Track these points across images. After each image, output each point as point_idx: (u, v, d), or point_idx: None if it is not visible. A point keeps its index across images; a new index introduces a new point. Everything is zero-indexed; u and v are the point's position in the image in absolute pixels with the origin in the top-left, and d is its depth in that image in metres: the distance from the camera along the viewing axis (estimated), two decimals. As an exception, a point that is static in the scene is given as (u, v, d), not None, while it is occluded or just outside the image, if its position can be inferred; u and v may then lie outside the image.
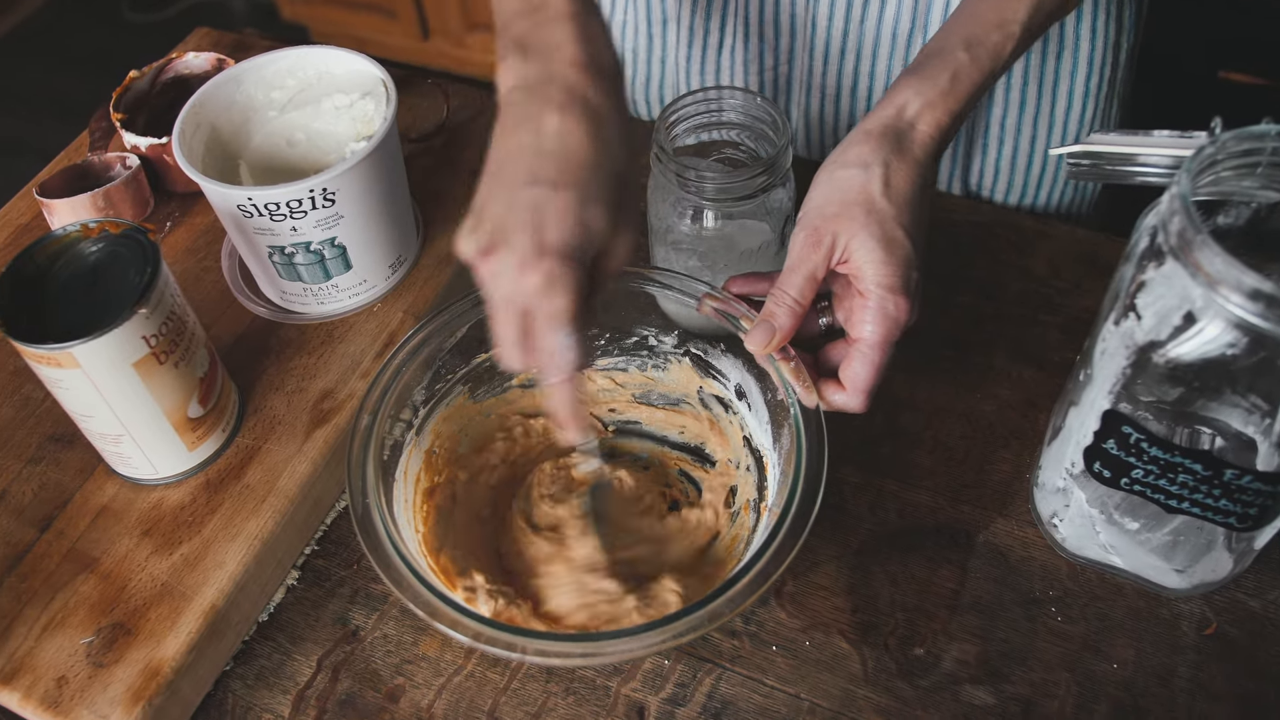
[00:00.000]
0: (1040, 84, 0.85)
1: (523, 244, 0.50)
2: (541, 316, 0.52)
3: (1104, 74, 0.85)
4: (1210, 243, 0.46)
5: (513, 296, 0.52)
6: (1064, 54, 0.84)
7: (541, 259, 0.50)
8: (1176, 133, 0.57)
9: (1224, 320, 0.47)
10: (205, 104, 0.72)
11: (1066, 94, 0.85)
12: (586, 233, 0.51)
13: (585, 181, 0.51)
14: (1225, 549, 0.59)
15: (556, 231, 0.51)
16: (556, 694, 0.61)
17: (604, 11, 0.93)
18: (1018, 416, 0.71)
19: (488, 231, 0.52)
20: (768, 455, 0.63)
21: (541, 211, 0.51)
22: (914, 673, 0.61)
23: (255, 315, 0.75)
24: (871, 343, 0.58)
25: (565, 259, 0.51)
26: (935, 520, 0.67)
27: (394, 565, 0.54)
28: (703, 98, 0.68)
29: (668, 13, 0.90)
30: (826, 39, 0.84)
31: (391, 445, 0.61)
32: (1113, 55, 0.85)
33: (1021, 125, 0.87)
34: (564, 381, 0.54)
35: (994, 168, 0.90)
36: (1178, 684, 0.60)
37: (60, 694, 0.58)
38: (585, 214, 0.51)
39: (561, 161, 0.52)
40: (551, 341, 0.52)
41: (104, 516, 0.65)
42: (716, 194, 0.65)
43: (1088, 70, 0.84)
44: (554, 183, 0.51)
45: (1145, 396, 0.53)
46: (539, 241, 0.50)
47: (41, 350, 0.57)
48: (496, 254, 0.51)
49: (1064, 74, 0.84)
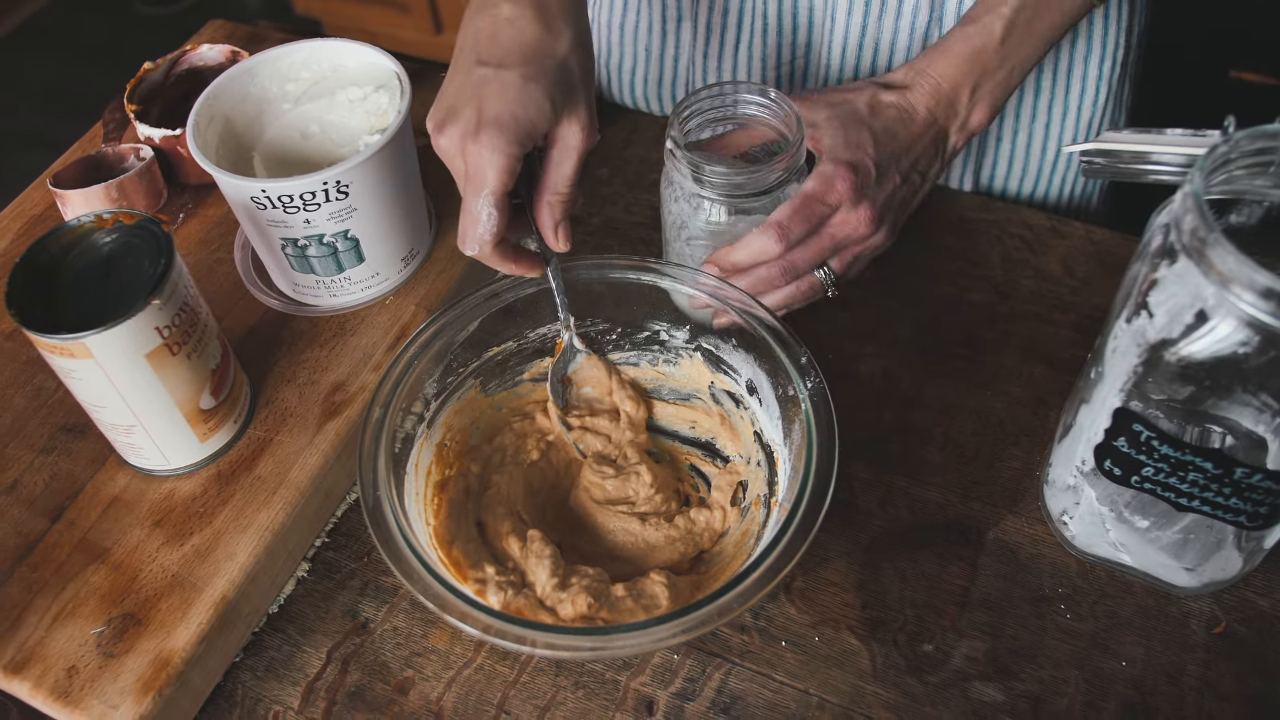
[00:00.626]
0: (1055, 70, 0.85)
1: (466, 118, 0.56)
2: (469, 182, 0.57)
3: (1117, 57, 0.86)
4: (1223, 241, 0.46)
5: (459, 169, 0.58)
6: (1078, 39, 0.84)
7: (480, 130, 0.55)
8: (1190, 131, 0.57)
9: (1236, 319, 0.47)
10: (220, 96, 0.72)
11: (1080, 78, 0.86)
12: (525, 108, 0.56)
13: (525, 61, 0.57)
14: (1235, 548, 0.58)
15: (494, 105, 0.56)
16: (566, 688, 0.61)
17: (615, 11, 0.93)
18: (1028, 414, 0.71)
19: (441, 110, 0.58)
20: (778, 450, 0.63)
21: (484, 89, 0.56)
22: (923, 669, 0.61)
23: (267, 307, 0.75)
24: (800, 191, 0.63)
25: (501, 130, 0.55)
26: (945, 517, 0.67)
27: (405, 557, 0.55)
28: (718, 92, 0.68)
29: (682, 10, 0.89)
30: (845, 34, 0.84)
31: (403, 438, 0.62)
32: (1125, 38, 0.85)
33: (1036, 112, 0.87)
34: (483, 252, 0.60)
35: (1007, 157, 0.90)
36: (1187, 682, 0.60)
37: (70, 684, 0.59)
38: (524, 93, 0.56)
39: (507, 45, 0.57)
40: (474, 206, 0.57)
41: (115, 507, 0.66)
42: (731, 190, 0.65)
43: (1101, 53, 0.85)
44: (499, 63, 0.57)
45: (1156, 394, 0.53)
46: (479, 115, 0.56)
47: (55, 340, 0.58)
48: (445, 130, 0.57)
49: (1078, 58, 0.85)
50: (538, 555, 0.62)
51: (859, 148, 0.65)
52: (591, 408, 0.71)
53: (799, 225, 0.64)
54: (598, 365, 0.70)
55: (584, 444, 0.69)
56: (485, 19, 0.59)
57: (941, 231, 0.82)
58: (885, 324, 0.77)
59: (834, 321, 0.77)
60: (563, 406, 0.70)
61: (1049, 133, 0.89)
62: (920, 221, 0.81)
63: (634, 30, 0.92)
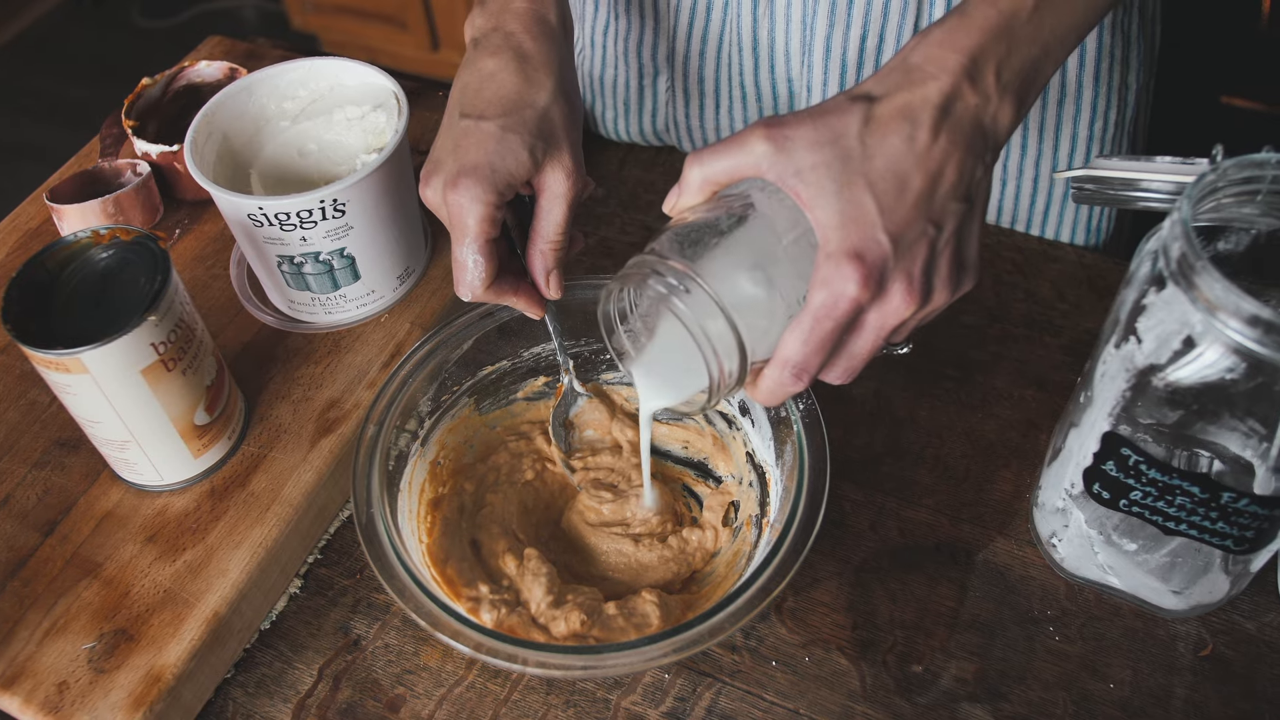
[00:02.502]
0: (1041, 129, 0.84)
1: (446, 170, 0.58)
2: (453, 232, 0.58)
3: (1109, 117, 0.84)
4: (1210, 268, 0.46)
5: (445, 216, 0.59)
6: (1065, 100, 0.82)
7: (459, 179, 0.57)
8: (1179, 159, 0.58)
9: (1223, 345, 0.48)
10: (217, 113, 0.73)
11: (1070, 137, 0.84)
12: (501, 160, 0.57)
13: (506, 115, 0.58)
14: (1222, 571, 0.59)
15: (472, 156, 0.57)
16: (557, 706, 0.61)
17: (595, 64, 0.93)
18: (1018, 436, 0.72)
19: (429, 163, 0.60)
20: (770, 471, 0.64)
21: (463, 140, 0.58)
22: (912, 690, 0.61)
23: (263, 324, 0.75)
24: (807, 308, 0.50)
25: (478, 180, 0.57)
26: (935, 538, 0.67)
27: (397, 575, 0.55)
28: None
29: (659, 66, 0.89)
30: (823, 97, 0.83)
31: (396, 456, 0.62)
32: (1119, 98, 0.83)
33: (1024, 168, 0.86)
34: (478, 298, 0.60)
35: (996, 207, 0.88)
36: (1174, 705, 0.60)
37: (61, 699, 0.58)
38: (502, 143, 0.58)
39: (489, 98, 0.59)
40: (460, 254, 0.58)
41: (108, 522, 0.66)
42: None
43: (1091, 115, 0.83)
44: (479, 115, 0.58)
45: (1145, 419, 0.53)
46: (459, 165, 0.57)
47: (50, 355, 0.58)
48: (430, 182, 0.59)
49: (1066, 118, 0.83)
50: (534, 573, 0.62)
51: (860, 223, 0.49)
52: (593, 448, 0.71)
53: (819, 354, 0.50)
54: (599, 408, 0.70)
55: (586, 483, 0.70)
56: (470, 74, 0.60)
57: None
58: (877, 345, 0.77)
59: (826, 342, 0.77)
60: (566, 451, 0.70)
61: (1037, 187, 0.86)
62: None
63: (613, 83, 0.92)
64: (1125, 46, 0.82)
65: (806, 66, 0.82)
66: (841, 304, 0.49)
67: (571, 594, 0.62)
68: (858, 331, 0.52)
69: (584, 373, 0.70)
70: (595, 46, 0.91)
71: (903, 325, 0.53)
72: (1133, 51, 0.83)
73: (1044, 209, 0.88)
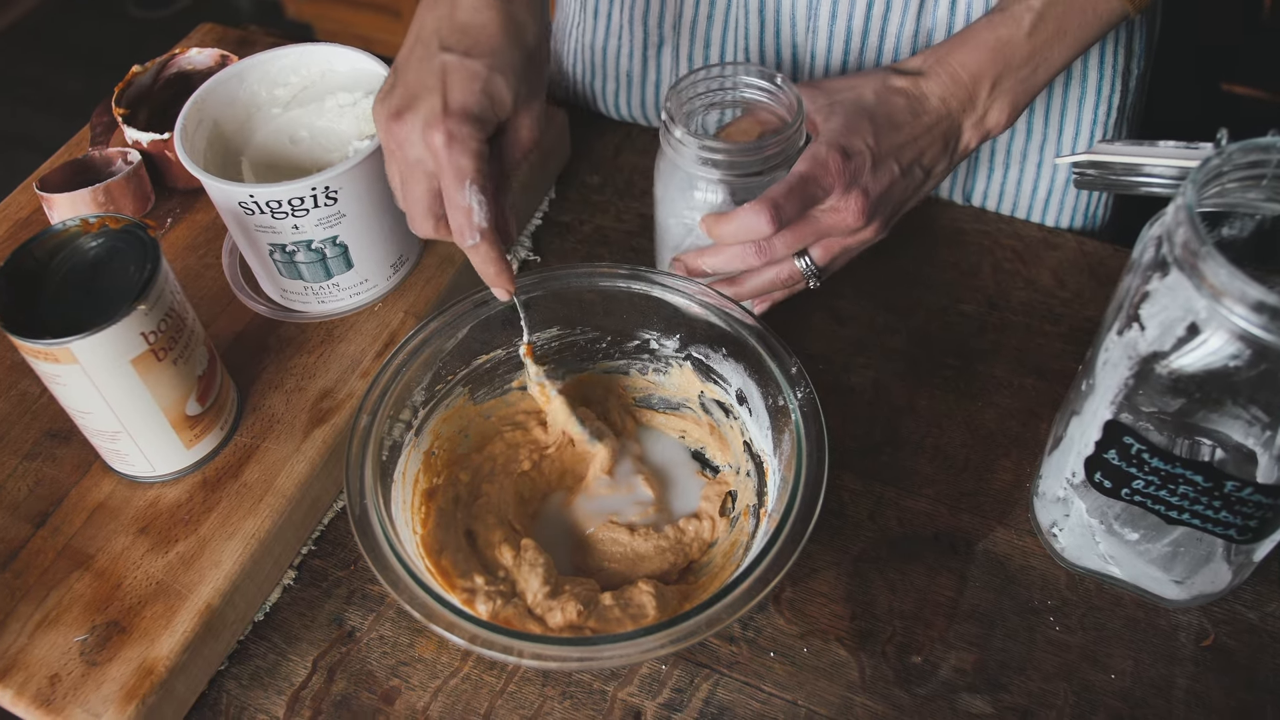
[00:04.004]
0: (1047, 113, 0.84)
1: (429, 106, 0.55)
2: (447, 174, 0.56)
3: (1113, 102, 0.84)
4: (1215, 254, 0.46)
5: (421, 157, 0.56)
6: (1071, 83, 0.82)
7: (445, 119, 0.55)
8: (1182, 143, 0.57)
9: (1227, 332, 0.47)
10: (208, 100, 0.72)
11: (1075, 122, 0.84)
12: (490, 99, 0.56)
13: (493, 52, 0.56)
14: (1224, 561, 0.58)
15: (460, 94, 0.55)
16: (553, 698, 0.61)
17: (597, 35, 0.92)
18: (1019, 425, 0.71)
19: (399, 96, 0.56)
20: (768, 461, 0.63)
21: (449, 77, 0.55)
22: (911, 681, 0.61)
23: (255, 313, 0.75)
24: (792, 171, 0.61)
25: (467, 119, 0.55)
26: (935, 528, 0.67)
27: (391, 567, 0.54)
28: (717, 74, 0.66)
29: (664, 36, 0.88)
30: (825, 70, 0.83)
31: (390, 446, 0.61)
32: (1122, 83, 0.84)
33: (1028, 151, 0.86)
34: (482, 242, 0.58)
35: (998, 191, 0.88)
36: (1175, 695, 0.59)
37: (53, 692, 0.58)
38: (490, 81, 0.56)
39: (472, 33, 0.57)
40: (461, 198, 0.56)
41: (100, 514, 0.65)
42: (724, 166, 0.63)
43: (1095, 99, 0.83)
44: (464, 51, 0.56)
45: (1147, 407, 0.53)
46: (444, 103, 0.55)
47: (39, 345, 0.57)
48: (405, 117, 0.56)
49: (1071, 102, 0.83)
50: (531, 564, 0.61)
51: (856, 133, 0.63)
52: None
53: (793, 205, 0.61)
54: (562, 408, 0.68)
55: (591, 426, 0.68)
56: (444, 6, 0.58)
57: (933, 242, 0.82)
58: (876, 334, 0.77)
59: (825, 331, 0.77)
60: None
61: (1040, 173, 0.86)
62: (911, 231, 0.81)
63: (615, 55, 0.91)
64: (1129, 32, 0.82)
65: (811, 32, 0.81)
66: (824, 178, 0.61)
67: (568, 585, 0.61)
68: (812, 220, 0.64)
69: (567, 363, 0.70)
70: (599, 16, 0.90)
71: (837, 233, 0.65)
72: (1136, 37, 0.83)
73: (1045, 196, 0.87)
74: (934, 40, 0.79)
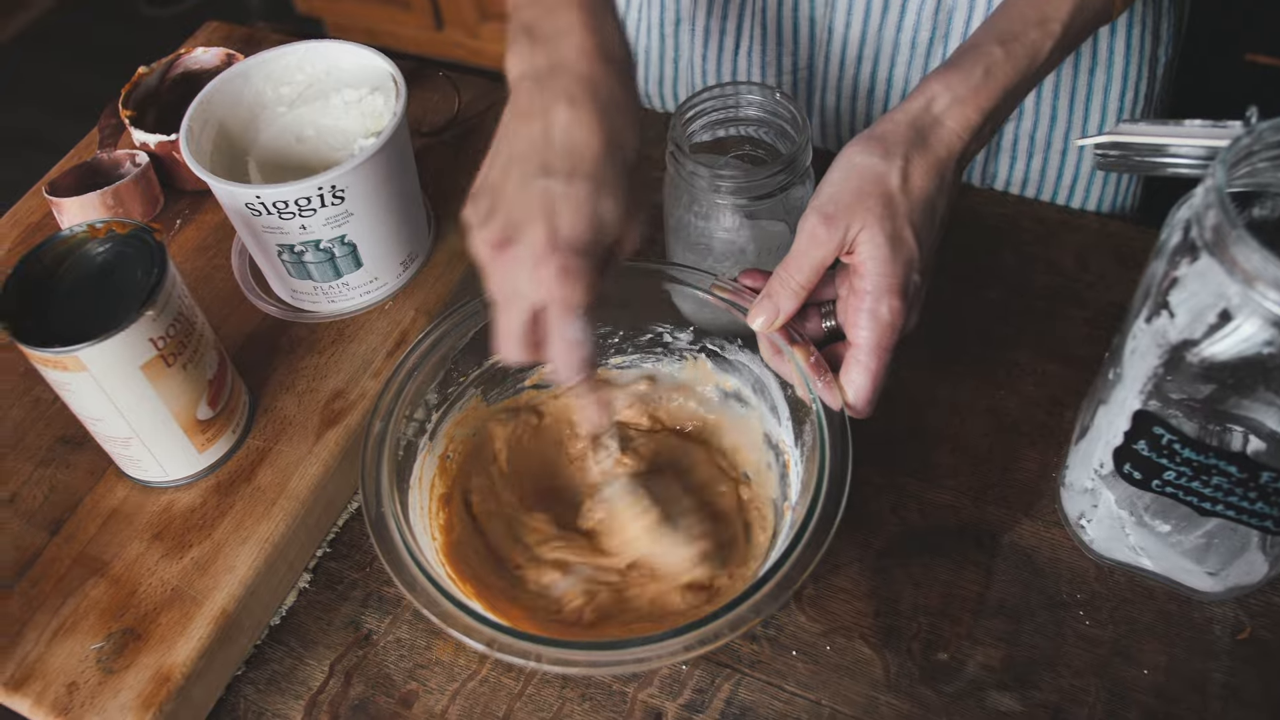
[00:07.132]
0: (1072, 98, 0.82)
1: (537, 237, 0.50)
2: (556, 309, 0.52)
3: (1139, 89, 0.82)
4: (1247, 237, 0.44)
5: (527, 291, 0.52)
6: (1097, 69, 0.81)
7: (556, 252, 0.50)
8: (1209, 122, 0.55)
9: (1261, 318, 0.45)
10: (213, 100, 0.71)
11: (1100, 108, 0.82)
12: (599, 224, 0.52)
13: (597, 173, 0.51)
14: (1260, 551, 0.57)
15: (570, 224, 0.51)
16: (572, 700, 0.60)
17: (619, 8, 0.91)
18: (1043, 414, 0.70)
19: (500, 226, 0.52)
20: (790, 453, 0.62)
21: (555, 204, 0.51)
22: (938, 678, 0.59)
23: (266, 314, 0.74)
24: (865, 348, 0.57)
25: (579, 252, 0.51)
26: (959, 521, 0.65)
27: (409, 572, 0.53)
28: (720, 93, 0.66)
29: (681, 13, 0.87)
30: (844, 45, 0.82)
31: (405, 447, 0.60)
32: (1149, 70, 0.82)
33: (1052, 139, 0.84)
34: (586, 379, 0.55)
35: (1021, 179, 0.87)
36: (1211, 690, 0.58)
37: (71, 700, 0.58)
38: (598, 206, 0.51)
39: (573, 153, 0.52)
40: (568, 333, 0.52)
41: (114, 520, 0.65)
42: (735, 192, 0.64)
43: (1122, 85, 0.81)
44: (567, 175, 0.51)
45: (1175, 394, 0.51)
46: (553, 235, 0.50)
47: (48, 354, 0.57)
48: (511, 248, 0.51)
49: (1097, 88, 0.81)
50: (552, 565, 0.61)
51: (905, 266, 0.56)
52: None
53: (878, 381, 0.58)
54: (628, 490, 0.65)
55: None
56: (538, 125, 0.52)
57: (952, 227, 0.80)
58: (896, 322, 0.75)
59: (843, 320, 0.75)
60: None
61: (1065, 160, 0.85)
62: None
63: (634, 31, 0.90)
64: (1156, 18, 0.80)
65: (830, 6, 0.80)
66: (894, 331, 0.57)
67: (589, 583, 0.60)
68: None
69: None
70: None
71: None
72: (1164, 23, 0.81)
73: (1070, 182, 0.86)
74: (954, 17, 0.78)
